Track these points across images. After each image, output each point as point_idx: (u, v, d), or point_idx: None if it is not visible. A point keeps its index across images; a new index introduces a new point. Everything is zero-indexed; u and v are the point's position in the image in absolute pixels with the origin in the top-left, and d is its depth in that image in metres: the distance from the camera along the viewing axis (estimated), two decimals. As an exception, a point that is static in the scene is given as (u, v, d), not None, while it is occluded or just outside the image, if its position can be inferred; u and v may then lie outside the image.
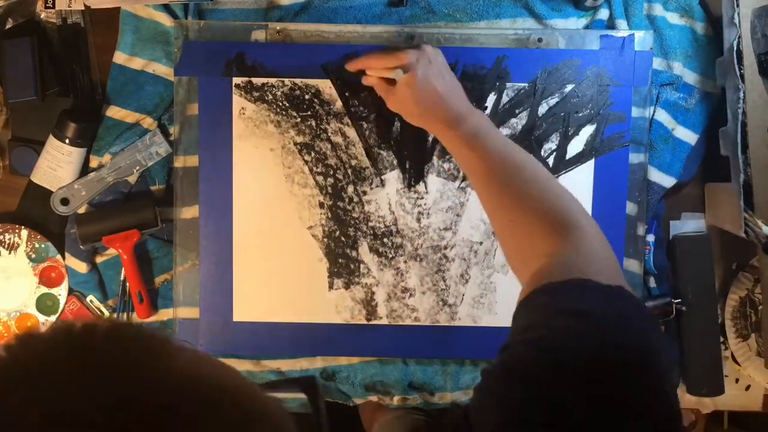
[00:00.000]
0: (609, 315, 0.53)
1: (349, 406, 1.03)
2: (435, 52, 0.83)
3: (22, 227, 0.97)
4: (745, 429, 1.23)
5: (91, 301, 0.99)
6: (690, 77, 0.98)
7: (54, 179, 0.95)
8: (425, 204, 0.96)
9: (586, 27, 0.97)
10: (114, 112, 0.96)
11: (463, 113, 0.79)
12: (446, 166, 0.96)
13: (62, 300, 0.98)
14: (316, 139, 0.95)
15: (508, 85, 0.94)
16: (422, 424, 1.06)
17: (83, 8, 0.94)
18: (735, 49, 0.87)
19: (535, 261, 0.64)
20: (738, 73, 0.86)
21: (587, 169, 0.96)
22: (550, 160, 0.96)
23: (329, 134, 0.95)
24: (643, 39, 0.94)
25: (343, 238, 0.97)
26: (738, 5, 0.86)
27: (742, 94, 0.86)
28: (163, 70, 0.96)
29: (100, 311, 0.99)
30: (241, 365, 0.99)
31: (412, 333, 0.98)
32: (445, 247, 0.97)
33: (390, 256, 0.97)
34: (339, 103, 0.95)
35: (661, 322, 0.97)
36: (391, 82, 0.84)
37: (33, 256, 0.97)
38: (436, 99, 0.80)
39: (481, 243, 0.97)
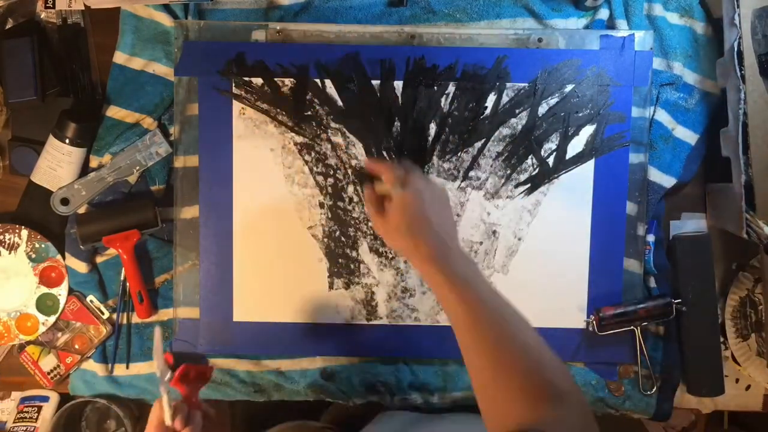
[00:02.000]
0: None
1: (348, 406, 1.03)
2: (438, 185, 0.82)
3: (22, 227, 0.97)
4: (745, 429, 1.23)
5: (91, 301, 0.99)
6: (690, 77, 0.98)
7: (54, 179, 0.95)
8: (425, 204, 0.96)
9: (586, 27, 0.97)
10: (114, 112, 0.96)
11: (451, 253, 0.75)
12: (446, 166, 0.96)
13: (62, 300, 0.98)
14: (316, 139, 0.95)
15: (508, 85, 0.94)
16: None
17: (83, 8, 0.94)
18: (735, 49, 0.87)
19: (511, 423, 0.61)
20: (739, 74, 0.86)
21: (587, 169, 0.96)
22: (550, 160, 0.96)
23: (329, 134, 0.95)
24: (643, 39, 0.94)
25: (343, 238, 0.97)
26: (738, 6, 0.86)
27: (743, 95, 0.86)
28: (163, 70, 0.96)
29: (100, 311, 0.99)
30: (241, 365, 0.99)
31: (412, 333, 0.98)
32: (445, 247, 0.97)
33: (390, 256, 0.97)
34: (339, 103, 0.95)
35: (661, 322, 0.97)
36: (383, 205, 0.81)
37: (33, 256, 0.97)
38: (425, 232, 0.76)
39: (481, 243, 0.97)
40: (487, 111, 0.95)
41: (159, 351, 0.78)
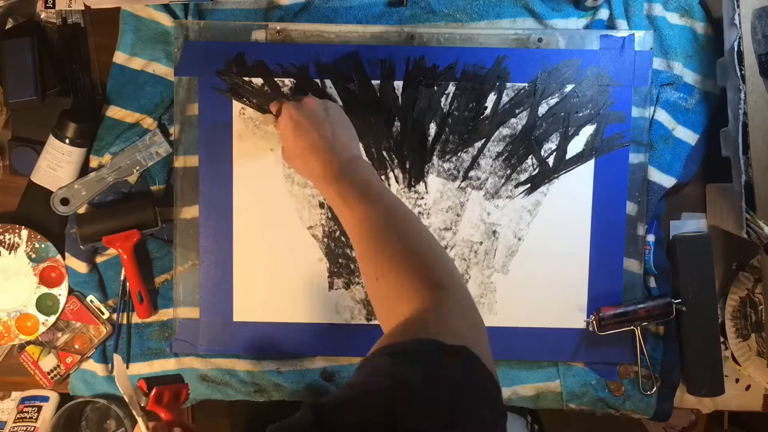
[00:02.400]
0: (425, 381, 0.51)
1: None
2: (320, 103, 0.84)
3: (22, 227, 0.97)
4: (745, 429, 1.23)
5: (91, 301, 0.99)
6: (690, 77, 0.97)
7: (54, 179, 0.95)
8: (425, 204, 0.96)
9: (586, 27, 0.97)
10: (114, 112, 0.96)
11: (341, 166, 0.77)
12: (446, 166, 0.96)
13: (62, 300, 0.98)
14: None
15: (508, 85, 0.94)
16: None
17: (83, 8, 0.94)
18: (736, 49, 0.87)
19: (393, 319, 0.62)
20: (739, 74, 0.86)
21: (587, 169, 0.96)
22: (550, 160, 0.96)
23: (329, 134, 0.95)
24: (643, 39, 0.94)
25: (343, 238, 0.97)
26: (738, 6, 0.86)
27: (743, 95, 0.86)
28: (163, 70, 0.96)
29: (100, 311, 0.99)
30: (241, 365, 0.99)
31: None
32: (445, 247, 0.97)
33: (390, 256, 0.97)
34: (339, 103, 0.95)
35: (661, 322, 0.97)
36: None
37: (33, 256, 0.97)
38: (313, 149, 0.80)
39: (481, 243, 0.97)
40: (487, 111, 0.95)
41: (123, 379, 0.79)
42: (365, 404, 0.49)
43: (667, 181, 0.97)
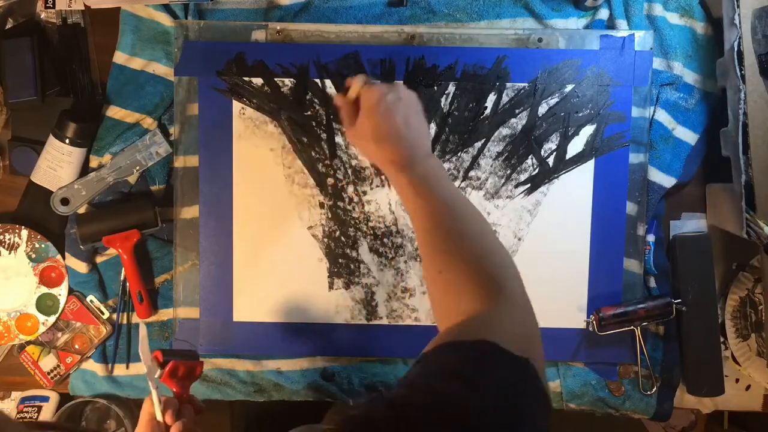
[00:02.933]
0: (497, 391, 0.53)
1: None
2: (409, 92, 0.81)
3: (22, 227, 0.97)
4: (745, 429, 1.23)
5: (91, 301, 0.99)
6: (690, 77, 0.98)
7: (54, 179, 0.95)
8: (425, 204, 0.96)
9: (586, 27, 0.97)
10: (114, 112, 0.96)
11: (417, 157, 0.76)
12: (446, 166, 0.96)
13: (62, 300, 0.98)
14: (316, 139, 0.95)
15: (508, 85, 0.94)
16: None
17: (83, 8, 0.94)
18: (735, 49, 0.87)
19: (455, 316, 0.63)
20: (739, 74, 0.86)
21: (587, 169, 0.96)
22: (550, 160, 0.96)
23: (330, 134, 0.95)
24: (643, 39, 0.94)
25: (343, 238, 0.97)
26: (738, 6, 0.86)
27: (743, 95, 0.86)
28: (163, 70, 0.96)
29: (100, 311, 0.99)
30: (241, 365, 0.99)
31: (412, 333, 0.98)
32: (445, 247, 0.97)
33: (390, 256, 0.97)
34: (339, 103, 0.95)
35: (661, 322, 0.97)
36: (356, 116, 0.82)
37: (33, 256, 0.97)
38: (393, 137, 0.77)
39: (481, 243, 0.97)
40: (487, 111, 0.95)
41: (145, 348, 0.79)
42: (442, 410, 0.51)
43: (667, 181, 0.97)
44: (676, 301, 0.95)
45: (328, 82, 0.94)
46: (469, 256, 0.68)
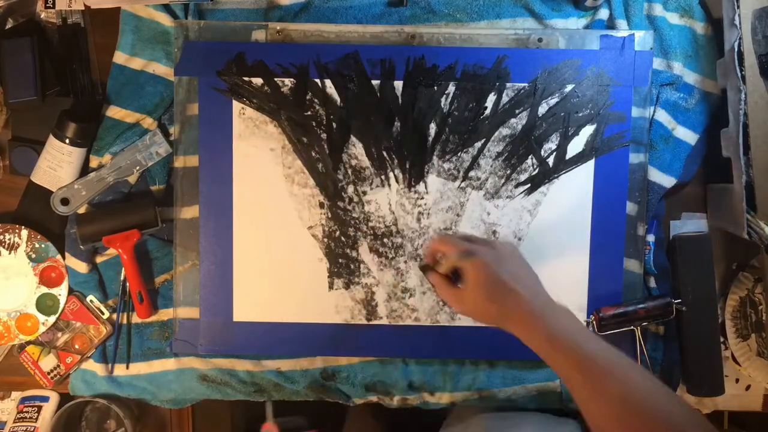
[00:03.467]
0: None
1: (348, 406, 1.03)
2: (510, 246, 0.77)
3: (22, 227, 0.97)
4: (745, 429, 1.23)
5: (91, 301, 0.99)
6: (690, 77, 0.97)
7: (54, 179, 0.95)
8: (425, 204, 0.96)
9: (586, 27, 0.97)
10: (114, 112, 0.96)
11: (542, 307, 0.71)
12: (446, 166, 0.96)
13: (62, 300, 0.98)
14: (316, 139, 0.95)
15: (508, 85, 0.94)
16: None
17: (83, 8, 0.94)
18: (736, 50, 0.87)
19: None
20: (739, 75, 0.86)
21: (587, 169, 0.96)
22: (550, 160, 0.96)
23: (330, 134, 0.95)
24: (643, 39, 0.94)
25: (343, 238, 0.97)
26: (738, 6, 0.86)
27: (743, 96, 0.86)
28: (163, 70, 0.96)
29: (100, 311, 0.99)
30: (241, 365, 0.99)
31: (412, 333, 0.98)
32: (445, 247, 0.97)
33: (390, 256, 0.97)
34: (339, 103, 0.95)
35: (661, 322, 0.97)
36: (455, 283, 0.77)
37: (33, 256, 0.97)
38: (510, 292, 0.71)
39: (481, 243, 0.97)
40: (487, 111, 0.95)
41: None
42: None
43: (667, 181, 0.97)
44: (676, 301, 0.95)
45: (328, 82, 0.94)
46: (644, 416, 0.61)
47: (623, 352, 0.96)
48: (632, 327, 0.95)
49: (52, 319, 0.98)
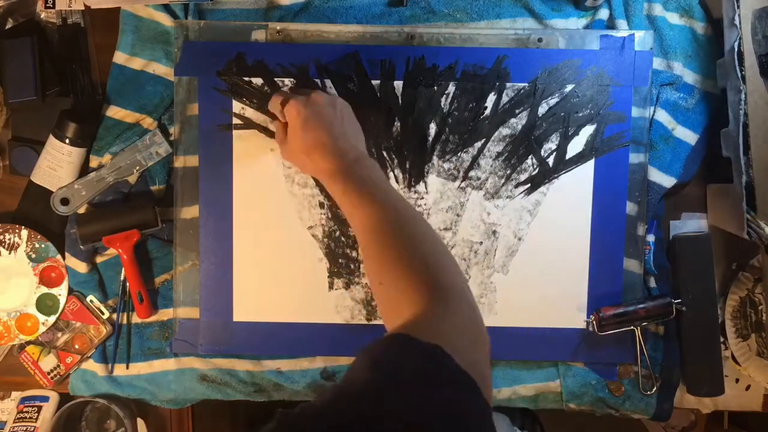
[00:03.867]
0: (396, 379, 0.49)
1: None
2: (329, 98, 0.83)
3: (22, 227, 0.97)
4: (745, 429, 1.23)
5: (91, 301, 0.99)
6: (690, 77, 0.97)
7: (54, 179, 0.95)
8: (425, 204, 0.96)
9: (586, 27, 0.97)
10: (114, 112, 0.96)
11: (348, 163, 0.77)
12: (446, 166, 0.96)
13: (62, 300, 0.98)
14: (316, 139, 0.95)
15: (508, 85, 0.94)
16: None
17: (83, 8, 0.94)
18: (736, 50, 0.87)
19: (395, 321, 0.61)
20: (739, 75, 0.86)
21: (587, 169, 0.96)
22: (550, 160, 0.96)
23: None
24: (643, 39, 0.94)
25: (343, 238, 0.97)
26: (738, 6, 0.86)
27: (743, 96, 0.86)
28: (163, 70, 0.96)
29: (100, 311, 0.99)
30: (241, 365, 0.99)
31: (412, 333, 0.98)
32: (445, 247, 0.97)
33: (390, 256, 0.97)
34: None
35: (661, 322, 0.97)
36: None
37: (33, 256, 0.97)
38: (319, 147, 0.79)
39: (481, 243, 0.97)
40: (487, 111, 0.95)
41: None
42: (326, 411, 0.47)
43: (667, 181, 0.97)
44: (676, 302, 0.95)
45: (328, 82, 0.94)
46: (404, 263, 0.66)
47: (623, 353, 0.97)
48: (632, 327, 0.95)
49: (52, 319, 0.98)
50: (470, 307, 0.64)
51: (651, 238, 0.98)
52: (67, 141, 0.93)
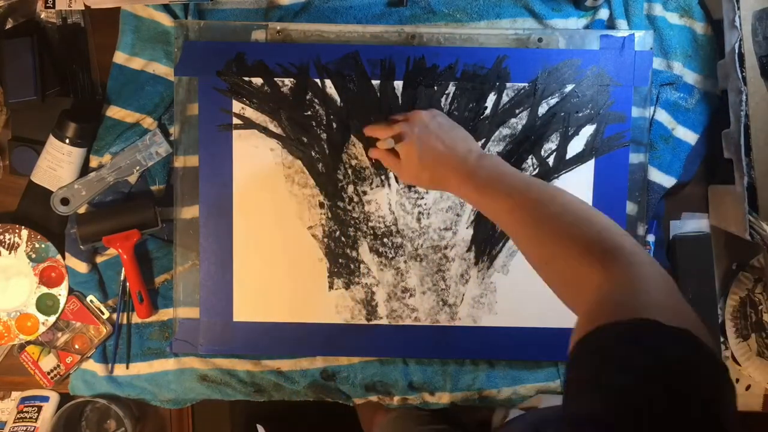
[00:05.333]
0: (682, 374, 0.47)
1: (348, 406, 1.03)
2: (429, 114, 0.84)
3: (22, 227, 0.97)
4: (745, 429, 1.23)
5: (91, 301, 0.99)
6: (690, 77, 0.97)
7: (54, 179, 0.95)
8: (425, 204, 0.96)
9: (586, 27, 0.97)
10: (114, 112, 0.96)
11: (471, 163, 0.78)
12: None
13: (62, 300, 0.98)
14: (316, 139, 0.95)
15: (508, 85, 0.94)
16: (428, 418, 1.06)
17: (83, 8, 0.94)
18: (737, 51, 0.87)
19: (585, 295, 0.60)
20: (740, 76, 0.86)
21: (587, 169, 0.96)
22: (550, 160, 0.95)
23: (329, 134, 0.95)
24: (643, 39, 0.94)
25: (343, 238, 0.97)
26: (738, 8, 0.86)
27: (744, 97, 0.86)
28: (163, 70, 0.96)
29: (100, 311, 0.99)
30: (241, 365, 0.99)
31: (412, 333, 0.98)
32: (445, 247, 0.97)
33: (390, 256, 0.97)
34: (339, 103, 0.95)
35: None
36: (397, 155, 0.86)
37: (33, 256, 0.97)
38: (440, 158, 0.80)
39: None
40: (487, 111, 0.95)
41: None
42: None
43: (667, 181, 0.97)
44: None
45: (328, 82, 0.94)
46: (573, 231, 0.64)
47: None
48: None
49: (52, 319, 0.98)
50: (650, 258, 0.62)
51: (651, 238, 0.98)
52: (67, 141, 0.93)
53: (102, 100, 0.97)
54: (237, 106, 0.95)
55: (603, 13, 0.96)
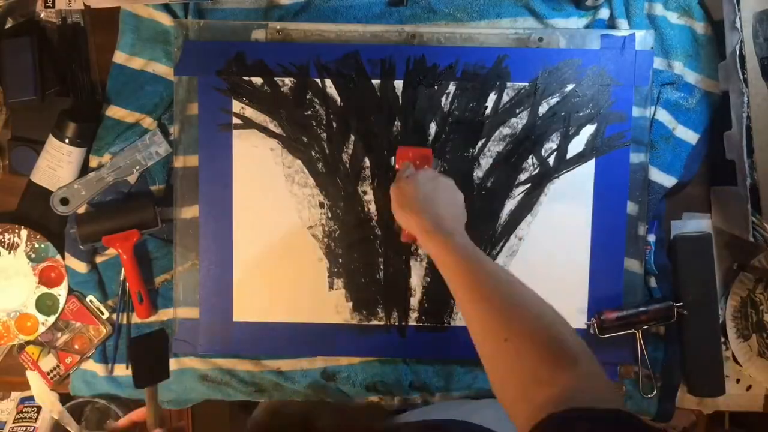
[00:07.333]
0: None
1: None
2: (424, 177, 0.83)
3: (22, 227, 0.97)
4: (746, 429, 1.23)
5: (90, 301, 0.99)
6: (690, 77, 0.97)
7: (54, 179, 0.95)
8: (425, 204, 0.96)
9: (587, 26, 0.96)
10: (114, 111, 0.96)
11: (448, 228, 0.77)
12: (446, 165, 0.95)
13: (62, 300, 0.98)
14: (316, 138, 0.95)
15: (509, 84, 0.94)
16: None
17: (83, 8, 0.94)
18: (738, 53, 0.86)
19: (537, 388, 0.59)
20: (741, 78, 0.86)
21: (588, 168, 0.95)
22: (551, 160, 0.95)
23: (329, 134, 0.95)
24: (643, 38, 0.94)
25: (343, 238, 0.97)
26: (739, 10, 0.86)
27: (746, 99, 0.86)
28: (163, 69, 0.96)
29: (100, 311, 0.99)
30: (241, 365, 0.99)
31: (413, 333, 0.98)
32: (446, 248, 0.97)
33: (390, 255, 0.97)
34: (339, 103, 0.95)
35: (662, 324, 0.97)
36: None
37: (33, 256, 0.97)
38: (421, 209, 0.79)
39: (481, 243, 0.97)
40: (488, 111, 0.95)
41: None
42: None
43: (668, 180, 0.97)
44: (677, 305, 0.95)
45: (328, 82, 0.94)
46: (534, 324, 0.65)
47: (624, 354, 0.97)
48: (633, 330, 0.95)
49: (52, 319, 0.98)
50: (599, 365, 0.62)
51: (652, 237, 0.97)
52: (67, 141, 0.92)
53: (102, 99, 0.97)
54: (237, 106, 0.95)
55: (603, 13, 0.95)
